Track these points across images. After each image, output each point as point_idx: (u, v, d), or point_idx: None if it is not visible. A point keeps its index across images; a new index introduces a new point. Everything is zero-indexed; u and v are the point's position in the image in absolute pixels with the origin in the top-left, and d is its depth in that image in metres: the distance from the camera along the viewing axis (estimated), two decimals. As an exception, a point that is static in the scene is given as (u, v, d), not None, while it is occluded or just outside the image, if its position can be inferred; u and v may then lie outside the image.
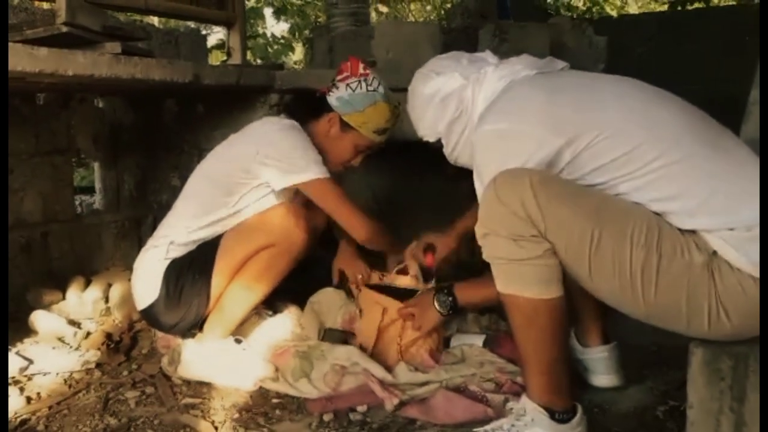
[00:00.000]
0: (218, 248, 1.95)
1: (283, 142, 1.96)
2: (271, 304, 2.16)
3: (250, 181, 1.96)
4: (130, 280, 2.13)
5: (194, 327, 1.97)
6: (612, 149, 1.34)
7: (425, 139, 1.72)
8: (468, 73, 1.59)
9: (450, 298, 1.79)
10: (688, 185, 1.30)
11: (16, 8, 2.53)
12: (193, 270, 1.94)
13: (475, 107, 1.57)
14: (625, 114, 1.38)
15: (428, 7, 10.76)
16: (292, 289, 2.08)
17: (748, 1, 5.26)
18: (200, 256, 1.95)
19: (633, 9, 10.17)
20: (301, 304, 2.18)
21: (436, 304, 1.81)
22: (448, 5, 8.96)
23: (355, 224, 2.01)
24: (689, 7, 5.07)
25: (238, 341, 1.96)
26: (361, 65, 2.06)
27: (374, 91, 2.02)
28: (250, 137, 2.02)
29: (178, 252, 1.97)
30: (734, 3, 6.61)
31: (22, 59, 1.74)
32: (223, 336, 1.95)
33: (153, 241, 2.04)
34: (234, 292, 1.94)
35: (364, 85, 2.02)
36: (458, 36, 2.58)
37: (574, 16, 5.97)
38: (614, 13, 8.32)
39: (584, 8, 7.19)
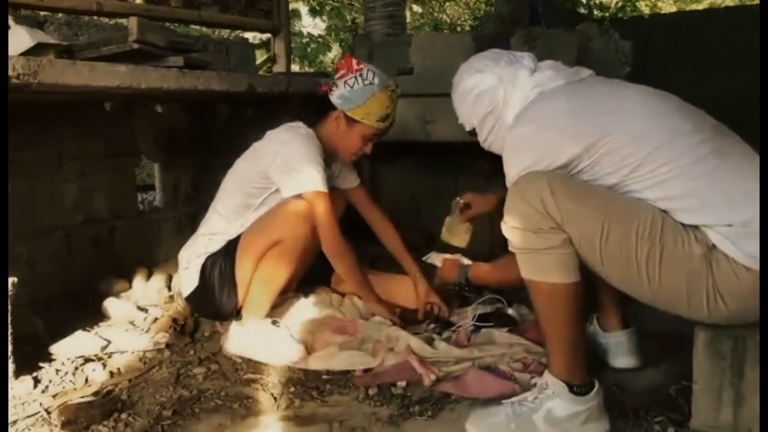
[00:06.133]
0: (239, 245, 2.20)
1: (297, 153, 2.15)
2: (307, 289, 2.46)
3: (269, 185, 2.20)
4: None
5: (232, 314, 2.23)
6: (626, 155, 1.51)
7: (464, 126, 1.91)
8: (504, 74, 1.76)
9: (466, 273, 2.17)
10: (692, 187, 1.47)
11: (88, 24, 2.78)
12: (222, 264, 2.20)
13: (507, 106, 1.75)
14: (640, 122, 1.55)
15: (462, 2, 10.84)
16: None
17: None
18: (228, 251, 2.21)
19: (669, 6, 10.11)
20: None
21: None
22: (482, 5, 9.07)
23: (330, 240, 2.17)
24: (720, 5, 5.13)
25: (275, 323, 2.20)
26: (355, 61, 2.25)
27: (370, 84, 2.21)
28: (271, 145, 2.23)
29: (214, 247, 2.24)
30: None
31: (105, 75, 1.99)
32: (260, 319, 2.19)
33: (195, 237, 2.32)
34: (257, 283, 2.18)
35: (360, 80, 2.21)
36: (490, 43, 2.75)
37: (606, 15, 6.07)
38: (647, 11, 8.34)
39: (617, 7, 7.22)
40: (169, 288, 2.65)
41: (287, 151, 2.16)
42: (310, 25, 11.07)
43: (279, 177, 2.15)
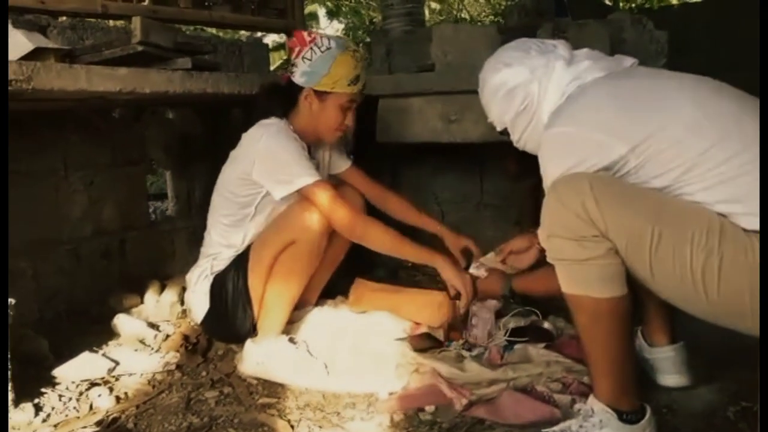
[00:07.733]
0: (249, 255, 2.05)
1: (275, 154, 1.99)
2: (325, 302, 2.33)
3: (258, 189, 2.05)
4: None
5: (250, 333, 2.08)
6: (679, 155, 1.34)
7: (494, 125, 1.75)
8: (536, 65, 1.59)
9: (510, 284, 1.96)
10: (754, 187, 1.28)
11: (93, 27, 2.66)
12: (232, 280, 2.05)
13: (542, 102, 1.58)
14: (694, 117, 1.36)
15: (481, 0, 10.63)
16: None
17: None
18: (237, 266, 2.06)
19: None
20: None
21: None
22: (504, 1, 8.86)
23: (345, 222, 1.99)
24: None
25: (292, 340, 2.06)
26: (305, 33, 2.10)
27: (328, 48, 2.05)
28: (247, 150, 2.07)
29: (221, 266, 2.10)
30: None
31: (103, 79, 1.86)
32: (275, 335, 2.04)
33: (200, 259, 2.18)
34: (270, 296, 2.03)
35: (316, 49, 2.05)
36: (516, 36, 2.57)
37: (634, 7, 5.81)
38: (676, 1, 8.01)
39: (645, -1, 6.93)
40: (182, 302, 2.52)
41: (264, 154, 2.00)
42: (328, 27, 10.98)
43: (267, 182, 2.01)
